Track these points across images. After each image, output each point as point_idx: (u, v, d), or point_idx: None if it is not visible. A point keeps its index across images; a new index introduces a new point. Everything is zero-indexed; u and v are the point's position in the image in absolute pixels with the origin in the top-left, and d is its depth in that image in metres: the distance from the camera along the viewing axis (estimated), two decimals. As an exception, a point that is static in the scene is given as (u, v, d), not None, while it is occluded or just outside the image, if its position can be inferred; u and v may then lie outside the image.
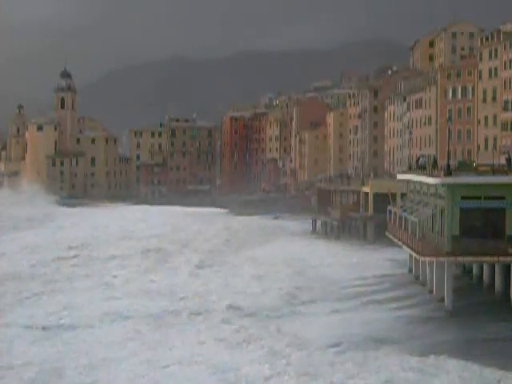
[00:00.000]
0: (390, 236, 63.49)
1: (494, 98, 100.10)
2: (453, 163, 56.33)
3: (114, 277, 62.09)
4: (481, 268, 54.73)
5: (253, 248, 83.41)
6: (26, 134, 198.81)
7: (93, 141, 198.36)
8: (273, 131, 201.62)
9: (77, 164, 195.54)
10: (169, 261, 73.13)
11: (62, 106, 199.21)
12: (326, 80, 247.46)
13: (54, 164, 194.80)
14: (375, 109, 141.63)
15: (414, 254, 52.87)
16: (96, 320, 44.97)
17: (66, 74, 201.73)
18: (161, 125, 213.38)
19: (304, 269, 65.86)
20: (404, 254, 62.46)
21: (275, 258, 73.35)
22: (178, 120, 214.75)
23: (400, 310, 48.28)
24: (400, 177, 71.15)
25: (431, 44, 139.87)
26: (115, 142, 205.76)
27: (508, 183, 47.85)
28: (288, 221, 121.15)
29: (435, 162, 64.22)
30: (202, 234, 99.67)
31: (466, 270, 58.36)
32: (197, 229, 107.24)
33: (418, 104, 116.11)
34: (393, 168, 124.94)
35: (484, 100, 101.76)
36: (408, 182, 66.43)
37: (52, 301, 51.43)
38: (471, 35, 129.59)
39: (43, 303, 50.70)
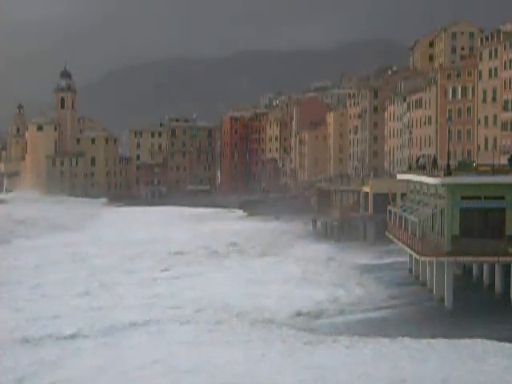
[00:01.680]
0: (390, 236, 63.48)
1: (494, 98, 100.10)
2: (453, 163, 56.34)
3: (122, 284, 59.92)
4: (481, 268, 54.75)
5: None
6: (26, 134, 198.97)
7: (93, 141, 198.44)
8: (273, 131, 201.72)
9: (77, 164, 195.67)
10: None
11: (62, 106, 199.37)
12: (325, 80, 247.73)
13: (54, 164, 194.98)
14: (375, 109, 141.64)
15: (414, 254, 52.86)
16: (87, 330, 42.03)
17: (66, 74, 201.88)
18: (161, 125, 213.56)
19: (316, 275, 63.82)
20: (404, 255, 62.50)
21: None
22: (177, 120, 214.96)
23: (399, 308, 48.33)
24: (400, 177, 71.15)
25: (431, 44, 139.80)
26: (115, 141, 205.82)
27: (508, 183, 47.87)
28: (289, 222, 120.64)
29: (435, 161, 64.20)
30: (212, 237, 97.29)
31: (466, 270, 58.37)
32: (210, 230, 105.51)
33: (418, 104, 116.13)
34: (393, 168, 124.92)
35: (484, 100, 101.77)
36: (408, 182, 66.44)
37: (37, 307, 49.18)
38: (471, 35, 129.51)
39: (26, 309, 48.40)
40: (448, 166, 51.27)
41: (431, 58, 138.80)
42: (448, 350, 36.96)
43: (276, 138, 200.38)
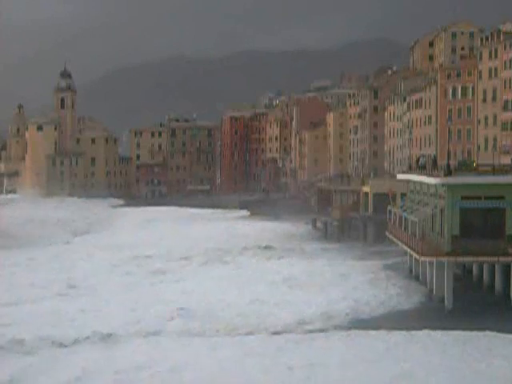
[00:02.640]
0: (390, 236, 63.47)
1: (494, 98, 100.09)
2: (453, 163, 56.37)
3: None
4: (481, 268, 54.80)
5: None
6: (26, 134, 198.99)
7: (93, 141, 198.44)
8: (273, 131, 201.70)
9: (77, 164, 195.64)
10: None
11: (62, 106, 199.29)
12: (325, 80, 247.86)
13: (54, 164, 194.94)
14: (375, 109, 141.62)
15: (414, 254, 52.87)
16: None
17: (66, 74, 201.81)
18: (161, 125, 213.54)
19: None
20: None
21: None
22: (177, 120, 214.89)
23: (399, 308, 48.32)
24: (400, 177, 71.19)
25: (431, 44, 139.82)
26: (115, 141, 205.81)
27: (508, 183, 47.91)
28: (288, 222, 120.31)
29: (435, 161, 64.21)
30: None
31: (466, 270, 58.40)
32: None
33: (418, 104, 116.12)
34: (393, 168, 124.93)
35: (484, 100, 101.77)
36: (408, 182, 66.47)
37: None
38: (471, 35, 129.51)
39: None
40: (448, 165, 51.31)
41: (431, 58, 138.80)
42: (451, 344, 36.97)
43: (276, 138, 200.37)
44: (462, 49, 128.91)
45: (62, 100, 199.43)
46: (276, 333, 41.46)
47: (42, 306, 49.11)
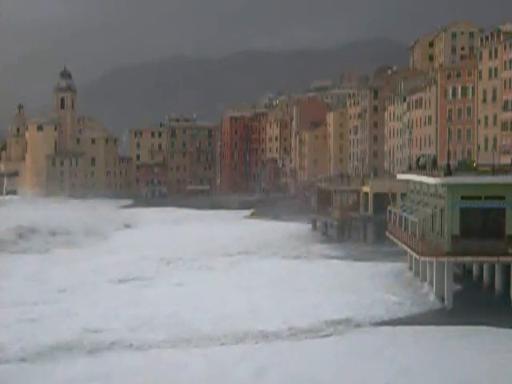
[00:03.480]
0: (391, 236, 63.44)
1: (494, 98, 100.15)
2: (453, 163, 56.36)
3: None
4: (481, 268, 54.81)
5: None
6: (26, 134, 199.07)
7: (93, 141, 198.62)
8: (273, 131, 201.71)
9: (77, 164, 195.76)
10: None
11: (62, 106, 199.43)
12: (326, 80, 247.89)
13: (54, 164, 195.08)
14: (375, 109, 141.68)
15: (414, 254, 52.85)
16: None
17: (66, 74, 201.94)
18: (161, 125, 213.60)
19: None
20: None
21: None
22: (178, 120, 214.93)
23: (398, 308, 48.32)
24: (400, 177, 71.21)
25: (431, 44, 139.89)
26: (115, 141, 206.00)
27: (508, 183, 47.91)
28: (288, 222, 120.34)
29: (435, 161, 64.23)
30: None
31: (466, 270, 58.40)
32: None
33: (418, 104, 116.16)
34: (393, 168, 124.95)
35: (484, 100, 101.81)
36: (408, 182, 66.48)
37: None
38: (471, 35, 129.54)
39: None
40: (448, 165, 51.31)
41: (431, 58, 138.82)
42: (449, 340, 36.97)
43: (276, 138, 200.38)
44: (462, 49, 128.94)
45: (62, 100, 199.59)
46: (274, 334, 41.16)
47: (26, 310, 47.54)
